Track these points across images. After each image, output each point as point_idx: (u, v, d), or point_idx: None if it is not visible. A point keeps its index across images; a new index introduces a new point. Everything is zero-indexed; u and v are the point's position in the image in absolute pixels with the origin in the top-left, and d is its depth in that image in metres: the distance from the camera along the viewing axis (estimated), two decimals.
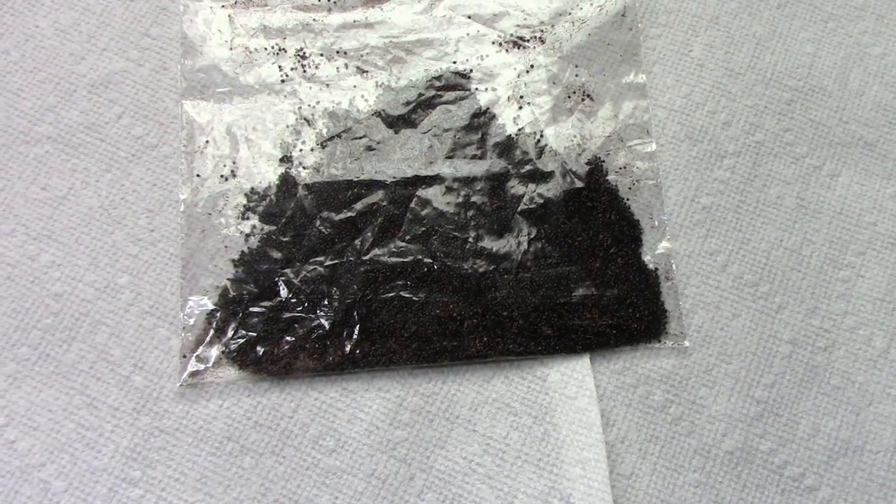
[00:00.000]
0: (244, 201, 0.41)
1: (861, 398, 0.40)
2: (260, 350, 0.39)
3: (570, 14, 0.44)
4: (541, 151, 0.42)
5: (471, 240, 0.40)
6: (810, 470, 0.39)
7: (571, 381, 0.39)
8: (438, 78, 0.43)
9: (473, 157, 0.41)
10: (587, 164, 0.42)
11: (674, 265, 0.41)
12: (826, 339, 0.41)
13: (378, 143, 0.41)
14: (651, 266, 0.41)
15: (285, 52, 0.43)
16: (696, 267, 0.41)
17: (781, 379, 0.40)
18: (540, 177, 0.41)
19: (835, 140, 0.44)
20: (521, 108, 0.42)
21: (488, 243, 0.40)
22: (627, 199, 0.42)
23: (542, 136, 0.42)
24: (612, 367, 0.40)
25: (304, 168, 0.41)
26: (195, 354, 0.38)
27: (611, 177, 0.42)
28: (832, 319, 0.41)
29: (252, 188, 0.41)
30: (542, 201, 0.41)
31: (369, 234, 0.40)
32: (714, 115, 0.44)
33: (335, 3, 0.44)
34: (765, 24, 0.45)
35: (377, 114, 0.42)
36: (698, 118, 0.44)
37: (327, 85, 0.42)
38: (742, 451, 0.39)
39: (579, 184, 0.41)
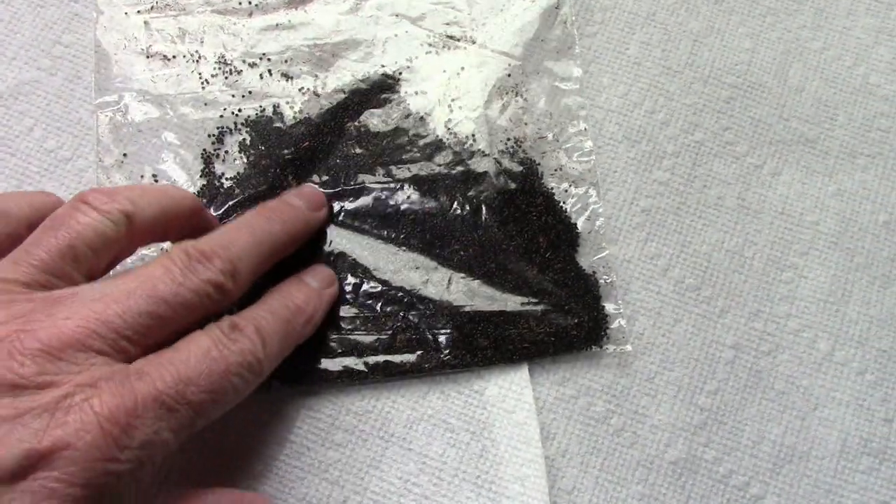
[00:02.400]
0: None
1: (806, 403, 0.39)
2: None
3: (501, 11, 0.43)
4: (473, 154, 0.40)
5: (401, 251, 0.39)
6: (756, 478, 0.38)
7: (510, 394, 0.38)
8: (365, 81, 0.41)
9: (402, 161, 0.40)
10: (520, 163, 0.40)
11: (613, 270, 0.40)
12: (770, 343, 0.40)
13: (303, 151, 0.40)
14: (589, 271, 0.39)
15: (205, 58, 0.41)
16: (636, 272, 0.40)
17: (725, 385, 0.39)
18: (473, 180, 0.40)
19: (775, 138, 0.43)
20: (452, 110, 0.41)
21: (419, 253, 0.39)
22: (563, 202, 0.40)
23: (474, 138, 0.41)
24: (552, 379, 0.38)
25: (226, 179, 0.39)
26: None
27: (546, 179, 0.40)
28: (775, 322, 0.40)
29: None
30: (475, 206, 0.39)
31: None
32: (652, 114, 0.42)
33: (256, 5, 0.42)
34: (702, 20, 0.44)
35: (302, 121, 0.40)
36: (636, 118, 0.42)
37: (250, 92, 0.40)
38: (686, 460, 0.38)
39: (513, 185, 0.40)
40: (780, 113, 0.43)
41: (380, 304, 0.38)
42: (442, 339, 0.38)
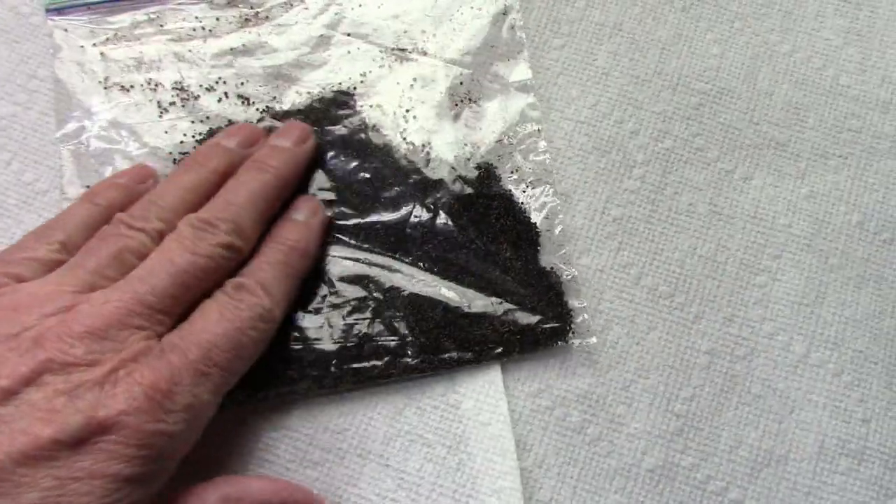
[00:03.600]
0: None
1: (782, 406, 0.39)
2: None
3: (450, 21, 0.43)
4: (429, 162, 0.41)
5: (364, 260, 0.39)
6: (734, 483, 0.38)
7: (485, 407, 0.38)
8: (321, 99, 0.42)
9: (361, 176, 0.40)
10: (476, 168, 0.41)
11: (574, 265, 0.40)
12: (745, 348, 0.40)
13: None
14: (550, 268, 0.40)
15: (162, 86, 0.41)
16: (609, 281, 0.40)
17: (701, 391, 0.39)
18: (431, 187, 0.40)
19: (746, 142, 0.43)
20: (407, 121, 0.41)
21: (382, 261, 0.39)
22: (522, 203, 0.41)
23: (430, 146, 0.41)
24: (527, 390, 0.39)
25: None
26: None
27: (503, 181, 0.41)
28: (750, 326, 0.40)
29: None
30: (433, 212, 0.40)
31: None
32: (621, 124, 0.43)
33: (210, 31, 0.42)
34: (670, 28, 0.44)
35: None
36: (605, 128, 0.43)
37: (208, 117, 0.41)
38: (663, 468, 0.38)
39: (470, 190, 0.40)
40: (750, 117, 0.43)
41: (345, 313, 0.38)
42: (408, 344, 0.38)
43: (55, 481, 0.27)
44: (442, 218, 0.40)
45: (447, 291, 0.39)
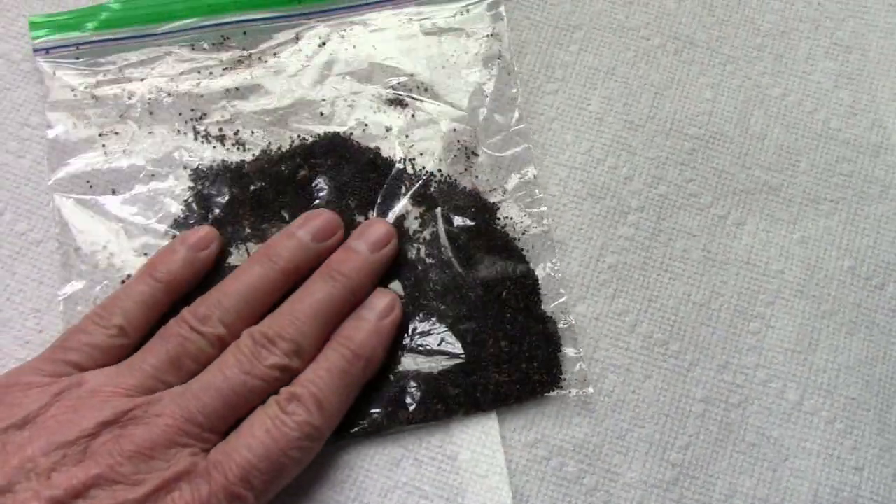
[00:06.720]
0: None
1: (777, 454, 0.39)
2: None
3: (444, 68, 0.43)
4: (428, 209, 0.41)
5: None
6: None
7: (482, 458, 0.38)
8: (318, 143, 0.42)
9: (358, 223, 0.40)
10: (474, 216, 0.41)
11: (571, 314, 0.40)
12: (739, 395, 0.40)
13: (260, 214, 0.40)
14: (549, 314, 0.40)
15: (156, 130, 0.41)
16: (604, 329, 0.41)
17: (696, 440, 0.39)
18: (432, 234, 0.40)
19: (739, 187, 0.43)
20: (403, 165, 0.41)
21: None
22: (522, 249, 0.41)
23: (427, 192, 0.41)
24: (524, 440, 0.39)
25: None
26: None
27: (501, 228, 0.41)
28: (744, 374, 0.40)
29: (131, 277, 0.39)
30: (432, 261, 0.40)
31: None
32: (615, 170, 0.43)
33: (203, 73, 0.42)
34: (662, 72, 0.45)
35: (259, 187, 0.41)
36: (599, 174, 0.43)
37: (202, 161, 0.41)
38: None
39: (469, 236, 0.40)
40: (743, 162, 0.43)
41: None
42: (412, 394, 0.38)
43: None
44: (441, 267, 0.40)
45: (448, 338, 0.39)
